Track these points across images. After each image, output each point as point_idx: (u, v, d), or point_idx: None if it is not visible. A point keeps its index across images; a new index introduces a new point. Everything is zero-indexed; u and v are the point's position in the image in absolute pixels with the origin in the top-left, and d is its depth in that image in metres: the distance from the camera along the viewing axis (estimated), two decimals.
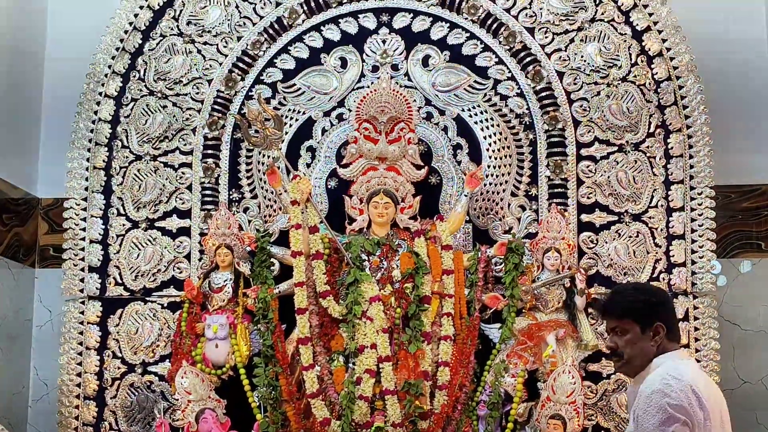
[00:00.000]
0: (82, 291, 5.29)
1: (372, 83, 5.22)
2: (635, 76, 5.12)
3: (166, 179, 5.33)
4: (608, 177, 5.09)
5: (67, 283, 5.31)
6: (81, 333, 5.26)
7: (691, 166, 5.03)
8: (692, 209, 5.01)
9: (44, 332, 5.74)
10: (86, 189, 5.35)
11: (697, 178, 5.02)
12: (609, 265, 5.04)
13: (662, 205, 5.04)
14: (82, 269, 5.31)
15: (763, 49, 5.48)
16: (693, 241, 5.00)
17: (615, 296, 3.68)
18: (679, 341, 3.62)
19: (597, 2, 5.19)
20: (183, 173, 5.33)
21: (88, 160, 5.36)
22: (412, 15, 5.33)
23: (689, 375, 3.38)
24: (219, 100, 5.35)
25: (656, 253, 5.02)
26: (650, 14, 5.13)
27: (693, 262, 4.99)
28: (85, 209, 5.34)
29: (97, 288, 5.27)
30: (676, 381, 3.30)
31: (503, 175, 5.18)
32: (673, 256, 5.00)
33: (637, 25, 5.14)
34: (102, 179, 5.36)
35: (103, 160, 5.37)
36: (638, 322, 3.47)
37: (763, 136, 5.44)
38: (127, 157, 5.36)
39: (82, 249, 5.32)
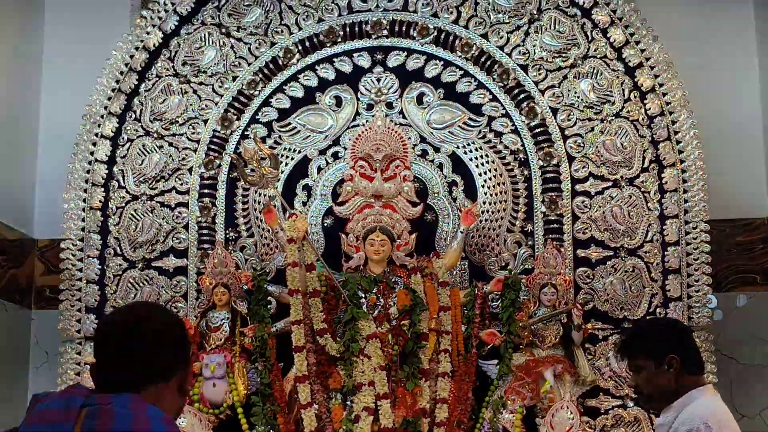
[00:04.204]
0: (79, 332, 5.26)
1: (367, 121, 5.25)
2: (628, 112, 5.13)
3: (163, 219, 5.32)
4: (603, 212, 5.09)
5: (64, 324, 5.28)
6: (78, 374, 5.20)
7: (686, 201, 5.02)
8: (687, 243, 5.00)
9: (41, 374, 5.69)
10: (83, 230, 5.33)
11: (691, 213, 5.01)
12: (605, 300, 5.02)
13: (657, 240, 5.03)
14: (79, 310, 5.28)
15: (754, 83, 5.51)
16: (689, 275, 4.99)
17: (627, 334, 3.70)
18: (703, 370, 3.64)
19: (589, 39, 5.21)
20: (179, 213, 5.32)
21: (84, 200, 5.35)
22: (406, 53, 5.35)
23: (727, 413, 3.43)
24: (215, 139, 5.36)
25: (652, 287, 5.01)
26: (642, 50, 5.14)
27: (689, 297, 4.98)
28: (81, 250, 5.32)
29: (94, 329, 5.20)
30: (720, 421, 3.33)
31: (499, 211, 5.18)
32: (669, 290, 4.98)
33: (630, 61, 5.15)
34: (98, 219, 5.34)
35: (100, 201, 5.35)
36: (650, 356, 3.48)
37: (755, 170, 5.45)
38: (123, 197, 5.36)
39: (79, 290, 5.29)
